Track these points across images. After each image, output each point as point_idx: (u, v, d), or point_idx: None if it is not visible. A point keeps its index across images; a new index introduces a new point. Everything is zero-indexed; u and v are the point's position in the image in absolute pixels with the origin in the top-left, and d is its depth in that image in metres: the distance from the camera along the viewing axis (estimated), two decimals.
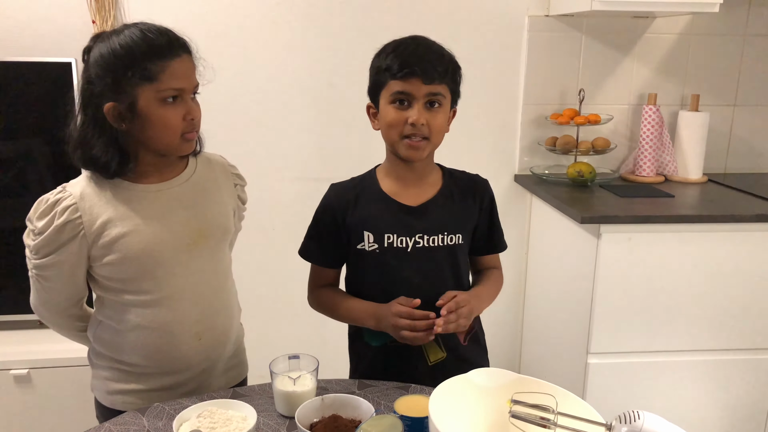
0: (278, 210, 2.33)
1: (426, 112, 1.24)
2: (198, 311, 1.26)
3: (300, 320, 2.43)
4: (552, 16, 2.30)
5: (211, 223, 1.28)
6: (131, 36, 1.14)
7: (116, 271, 1.21)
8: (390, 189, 1.34)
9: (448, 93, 1.28)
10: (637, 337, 1.93)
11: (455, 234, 1.33)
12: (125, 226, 1.19)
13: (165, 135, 1.18)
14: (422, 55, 1.24)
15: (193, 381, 1.30)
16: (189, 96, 1.19)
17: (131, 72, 1.12)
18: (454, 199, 1.36)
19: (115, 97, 1.14)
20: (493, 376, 1.03)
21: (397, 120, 1.25)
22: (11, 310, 2.10)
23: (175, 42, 1.17)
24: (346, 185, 1.39)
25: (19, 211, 2.03)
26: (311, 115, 2.30)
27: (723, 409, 2.01)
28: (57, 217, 1.17)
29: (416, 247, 1.31)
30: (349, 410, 1.10)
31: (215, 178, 1.33)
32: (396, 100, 1.25)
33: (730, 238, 1.89)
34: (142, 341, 1.24)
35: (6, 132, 2.00)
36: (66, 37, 2.11)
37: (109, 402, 1.30)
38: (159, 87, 1.14)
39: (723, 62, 2.39)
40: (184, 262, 1.24)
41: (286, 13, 2.21)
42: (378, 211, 1.33)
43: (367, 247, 1.32)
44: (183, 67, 1.17)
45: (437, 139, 1.28)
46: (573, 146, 2.29)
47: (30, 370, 1.97)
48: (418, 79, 1.22)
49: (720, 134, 2.44)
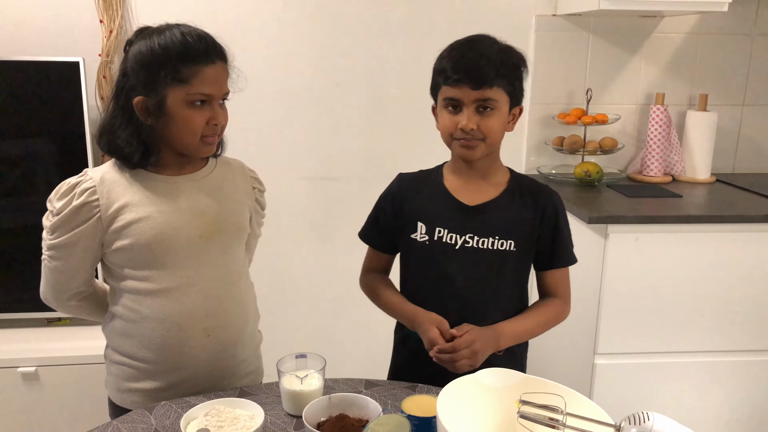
0: (285, 209, 2.33)
1: (477, 116, 1.24)
2: (207, 306, 1.27)
3: (306, 320, 2.43)
4: (559, 15, 2.29)
5: (226, 218, 1.30)
6: (171, 37, 1.18)
7: (126, 258, 1.24)
8: (452, 185, 1.35)
9: (503, 95, 1.25)
10: (644, 337, 1.93)
11: (507, 240, 1.30)
12: (140, 212, 1.21)
13: (186, 135, 1.21)
14: (473, 60, 1.23)
15: (205, 383, 1.29)
16: (217, 102, 1.23)
17: (164, 72, 1.16)
18: (513, 206, 1.33)
19: (145, 92, 1.19)
20: (501, 376, 1.02)
21: (449, 124, 1.26)
22: (19, 308, 2.10)
23: (212, 49, 1.20)
24: (412, 176, 1.41)
25: (27, 210, 2.07)
26: (318, 115, 2.30)
27: (731, 410, 2.00)
28: (75, 198, 1.21)
29: (465, 246, 1.30)
30: (356, 409, 1.10)
31: (233, 179, 1.36)
32: (448, 105, 1.26)
33: (739, 239, 1.88)
34: (150, 334, 1.25)
35: (14, 131, 2.01)
36: (74, 37, 2.11)
37: (119, 400, 1.31)
38: (189, 90, 1.18)
39: (732, 62, 2.38)
40: (195, 254, 1.25)
41: (292, 13, 2.21)
42: (435, 204, 1.34)
43: (418, 238, 1.33)
44: (215, 74, 1.20)
45: (493, 140, 1.27)
46: (580, 146, 2.28)
47: (38, 367, 1.98)
48: (467, 86, 1.22)
49: (728, 134, 2.43)
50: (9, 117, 2.00)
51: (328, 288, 2.41)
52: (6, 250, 2.07)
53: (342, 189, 2.35)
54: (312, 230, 2.39)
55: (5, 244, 2.07)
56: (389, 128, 2.33)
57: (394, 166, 1.51)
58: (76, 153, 2.02)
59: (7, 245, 2.07)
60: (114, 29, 2.08)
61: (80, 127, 2.00)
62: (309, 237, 2.39)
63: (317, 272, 2.41)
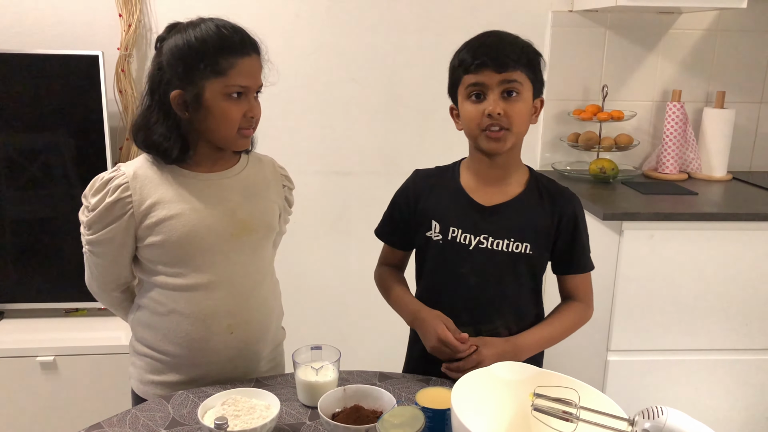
0: (300, 204, 2.33)
1: (503, 101, 1.21)
2: (233, 303, 1.28)
3: (321, 314, 2.44)
4: (576, 11, 2.28)
5: (257, 217, 1.30)
6: (207, 30, 1.18)
7: (157, 254, 1.25)
8: (468, 184, 1.33)
9: (527, 80, 1.23)
10: (657, 335, 1.92)
11: (522, 242, 1.27)
12: (172, 209, 1.22)
13: (223, 128, 1.21)
14: (492, 45, 1.22)
15: (227, 379, 1.30)
16: (252, 94, 1.23)
17: (203, 64, 1.17)
18: (531, 208, 1.30)
19: (182, 86, 1.19)
20: (516, 369, 1.03)
21: (474, 113, 1.23)
22: (38, 298, 2.14)
23: (248, 41, 1.21)
24: (428, 172, 1.39)
25: (45, 203, 2.10)
26: (333, 110, 2.31)
27: (744, 408, 2.00)
28: (109, 194, 1.21)
29: (479, 247, 1.28)
30: (371, 401, 1.11)
31: (265, 177, 1.36)
32: (472, 93, 1.23)
33: (755, 237, 1.87)
34: (175, 327, 1.26)
35: (33, 124, 2.04)
36: (93, 30, 2.14)
37: (142, 392, 1.32)
38: (227, 82, 1.18)
39: (749, 59, 2.36)
40: (225, 251, 1.26)
41: (309, 9, 2.22)
42: (450, 202, 1.32)
43: (432, 236, 1.32)
44: (251, 66, 1.21)
45: (520, 128, 1.24)
46: (595, 142, 2.28)
47: (56, 357, 2.01)
48: (490, 69, 1.20)
49: (745, 132, 2.41)
50: (28, 110, 2.03)
51: (342, 282, 2.42)
52: (26, 241, 2.10)
53: (357, 184, 2.36)
54: (327, 225, 2.40)
55: (25, 235, 2.10)
56: (405, 124, 2.33)
57: (410, 162, 1.51)
58: (95, 146, 2.04)
59: (26, 237, 2.10)
60: (133, 23, 2.10)
61: (99, 120, 2.02)
62: (324, 231, 2.40)
63: (332, 266, 2.42)
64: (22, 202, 2.08)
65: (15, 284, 2.13)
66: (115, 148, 2.15)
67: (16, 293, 2.13)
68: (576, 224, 1.32)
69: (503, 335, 1.30)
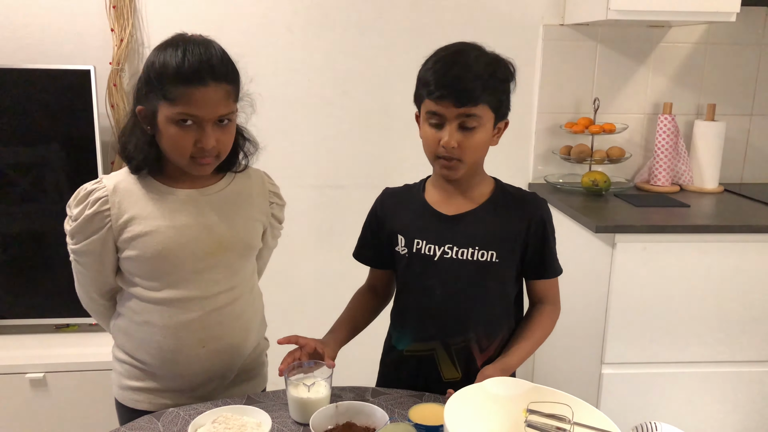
0: (291, 217, 2.33)
1: (459, 133, 1.20)
2: (206, 319, 1.28)
3: (314, 328, 2.42)
4: (567, 25, 2.30)
5: (234, 235, 1.29)
6: (171, 54, 1.17)
7: (133, 267, 1.26)
8: (432, 198, 1.33)
9: (488, 112, 1.21)
10: (651, 347, 1.92)
11: (488, 251, 1.26)
12: (147, 225, 1.23)
13: (173, 153, 1.22)
14: (457, 76, 1.19)
15: (201, 388, 1.32)
16: (209, 124, 1.19)
17: (157, 88, 1.17)
18: (496, 215, 1.29)
19: (144, 103, 1.21)
20: (509, 385, 1.03)
21: (431, 139, 1.23)
22: (27, 313, 2.12)
23: (207, 71, 1.16)
24: (395, 190, 1.40)
25: (36, 218, 2.08)
26: (325, 123, 2.31)
27: (738, 421, 1.99)
28: (89, 207, 1.22)
29: (444, 258, 1.28)
30: (363, 418, 1.10)
31: (249, 195, 1.35)
32: (431, 118, 1.23)
33: (746, 249, 1.88)
34: (148, 338, 1.28)
35: (25, 138, 2.03)
36: (85, 45, 2.14)
37: (121, 398, 1.34)
38: (173, 109, 1.17)
39: (739, 71, 2.38)
40: (199, 269, 1.26)
41: (301, 21, 2.23)
42: (413, 216, 1.32)
43: (400, 250, 1.32)
44: (207, 96, 1.17)
45: (471, 159, 1.23)
46: (587, 155, 2.28)
47: (46, 374, 1.99)
48: (450, 102, 1.18)
49: (736, 144, 2.43)
50: (21, 124, 2.02)
51: (333, 296, 2.40)
52: (15, 256, 2.09)
53: (349, 197, 2.36)
54: (318, 238, 2.39)
55: (15, 250, 2.08)
56: (396, 137, 2.34)
57: (402, 175, 1.51)
58: (87, 160, 2.04)
59: (16, 252, 2.09)
60: (125, 38, 2.10)
61: (91, 134, 2.02)
62: (315, 244, 2.39)
63: (323, 279, 2.41)
64: (13, 216, 2.07)
65: (4, 300, 2.11)
66: (107, 163, 2.14)
67: (5, 309, 2.11)
68: (545, 228, 1.31)
69: (473, 350, 1.29)
